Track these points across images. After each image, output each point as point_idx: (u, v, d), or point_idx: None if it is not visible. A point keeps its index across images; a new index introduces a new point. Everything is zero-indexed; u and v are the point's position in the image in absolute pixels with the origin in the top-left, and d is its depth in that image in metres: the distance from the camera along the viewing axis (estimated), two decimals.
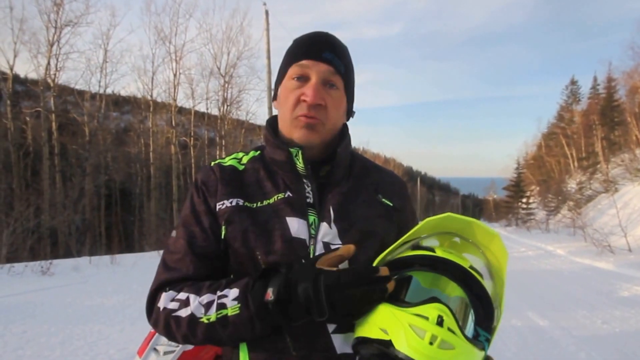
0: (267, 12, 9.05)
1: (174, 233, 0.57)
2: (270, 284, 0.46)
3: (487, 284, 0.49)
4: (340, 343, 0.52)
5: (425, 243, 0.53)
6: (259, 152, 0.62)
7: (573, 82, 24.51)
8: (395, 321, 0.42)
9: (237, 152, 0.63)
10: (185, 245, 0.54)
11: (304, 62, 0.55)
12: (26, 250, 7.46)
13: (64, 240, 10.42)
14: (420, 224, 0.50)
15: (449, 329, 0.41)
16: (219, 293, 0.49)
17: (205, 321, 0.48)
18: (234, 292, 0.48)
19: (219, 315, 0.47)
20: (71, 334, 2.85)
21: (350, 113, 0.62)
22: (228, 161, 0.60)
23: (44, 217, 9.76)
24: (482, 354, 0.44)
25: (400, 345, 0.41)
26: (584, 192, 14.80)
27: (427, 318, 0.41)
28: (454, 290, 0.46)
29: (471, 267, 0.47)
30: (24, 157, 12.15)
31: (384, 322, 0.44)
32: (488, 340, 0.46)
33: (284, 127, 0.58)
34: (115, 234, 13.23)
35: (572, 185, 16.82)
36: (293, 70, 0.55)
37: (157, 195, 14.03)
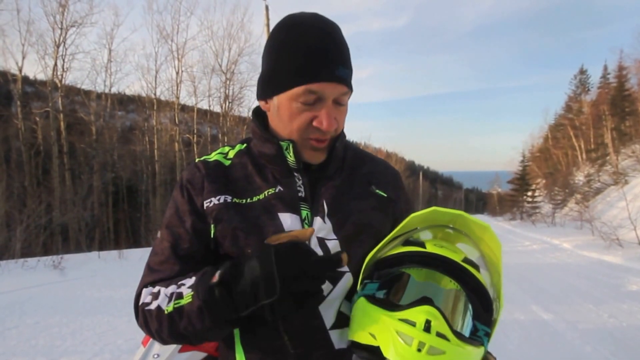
0: (267, 8, 8.97)
1: (158, 234, 0.55)
2: (220, 267, 0.44)
3: (484, 274, 0.47)
4: (338, 339, 0.50)
5: (417, 235, 0.51)
6: (245, 145, 0.59)
7: (582, 72, 23.74)
8: (383, 327, 0.41)
9: (223, 147, 0.60)
10: (169, 248, 0.52)
11: (316, 86, 0.48)
12: (39, 246, 7.69)
13: (75, 235, 10.69)
14: (406, 220, 0.48)
15: (438, 334, 0.39)
16: (179, 282, 0.47)
17: (166, 312, 0.45)
18: (190, 281, 0.46)
19: (175, 305, 0.45)
20: (81, 324, 2.94)
21: None
22: (214, 157, 0.57)
23: (55, 214, 10.00)
24: (480, 350, 0.43)
25: (388, 353, 0.40)
26: (592, 184, 14.47)
27: (414, 324, 0.39)
28: (449, 283, 0.45)
29: (465, 259, 0.46)
30: (35, 156, 12.41)
31: (373, 327, 0.42)
32: (488, 335, 0.44)
33: (292, 138, 0.52)
34: (123, 229, 13.52)
35: (579, 177, 16.47)
36: (303, 94, 0.49)
37: (162, 191, 14.24)
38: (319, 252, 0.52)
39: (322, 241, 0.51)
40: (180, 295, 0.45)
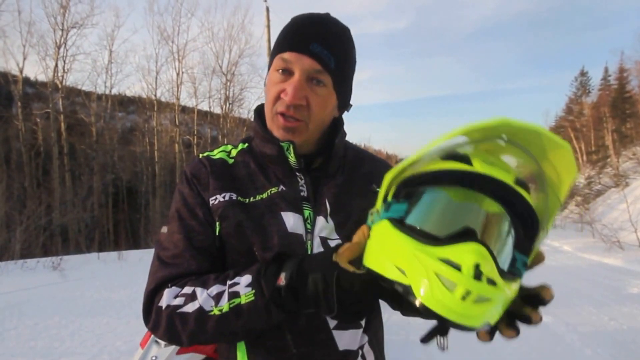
0: (267, 9, 9.01)
1: (164, 229, 0.54)
2: (283, 268, 0.43)
3: (536, 196, 0.37)
4: (342, 339, 0.50)
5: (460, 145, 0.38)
6: (247, 144, 0.59)
7: (583, 74, 23.78)
8: (416, 264, 0.33)
9: (226, 145, 0.60)
10: (183, 240, 0.51)
11: (287, 54, 0.50)
12: (38, 247, 7.69)
13: (74, 237, 10.69)
14: (461, 129, 0.34)
15: (488, 280, 0.31)
16: (229, 282, 0.45)
17: (217, 313, 0.44)
18: (246, 279, 0.45)
19: (232, 305, 0.44)
20: (80, 326, 2.94)
21: (345, 107, 0.57)
22: (217, 154, 0.57)
23: (54, 215, 10.01)
24: (517, 284, 0.35)
25: (424, 297, 0.32)
26: (592, 186, 14.46)
27: (459, 267, 0.31)
28: (492, 206, 0.35)
29: (517, 180, 0.35)
30: (35, 157, 12.44)
31: (401, 261, 0.34)
32: (525, 265, 0.36)
33: (267, 120, 0.54)
34: (123, 230, 13.50)
35: (580, 179, 16.45)
36: (277, 62, 0.51)
37: (162, 193, 14.24)
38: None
39: (324, 241, 0.51)
40: (235, 295, 0.44)
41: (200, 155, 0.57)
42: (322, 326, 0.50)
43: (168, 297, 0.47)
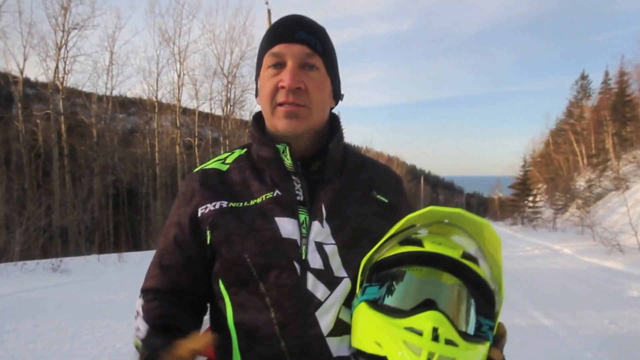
0: (269, 11, 9.05)
1: (161, 237, 0.58)
2: None
3: (483, 266, 0.47)
4: (336, 346, 0.50)
5: (413, 233, 0.50)
6: (245, 150, 0.60)
7: (583, 77, 23.88)
8: (388, 336, 0.40)
9: (222, 154, 0.61)
10: (157, 257, 0.57)
11: (276, 48, 0.51)
12: (38, 248, 7.67)
13: (74, 238, 10.68)
14: (402, 220, 0.48)
15: (447, 341, 0.39)
16: (138, 327, 0.52)
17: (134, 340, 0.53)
18: (141, 346, 0.50)
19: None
20: (80, 328, 2.94)
21: (337, 96, 0.58)
22: (211, 164, 0.59)
23: (54, 217, 10.01)
24: (486, 346, 0.43)
25: None
26: (593, 189, 14.46)
27: (420, 333, 0.39)
28: (450, 278, 0.44)
29: (464, 254, 0.45)
30: (35, 159, 12.45)
31: (377, 335, 0.42)
32: (492, 329, 0.44)
33: (267, 119, 0.55)
34: (123, 232, 13.50)
35: (580, 183, 16.45)
36: (268, 59, 0.53)
37: (163, 194, 14.24)
38: (317, 256, 0.51)
39: (320, 245, 0.51)
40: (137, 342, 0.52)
41: (194, 170, 0.60)
42: (315, 334, 0.50)
43: (138, 303, 0.55)
